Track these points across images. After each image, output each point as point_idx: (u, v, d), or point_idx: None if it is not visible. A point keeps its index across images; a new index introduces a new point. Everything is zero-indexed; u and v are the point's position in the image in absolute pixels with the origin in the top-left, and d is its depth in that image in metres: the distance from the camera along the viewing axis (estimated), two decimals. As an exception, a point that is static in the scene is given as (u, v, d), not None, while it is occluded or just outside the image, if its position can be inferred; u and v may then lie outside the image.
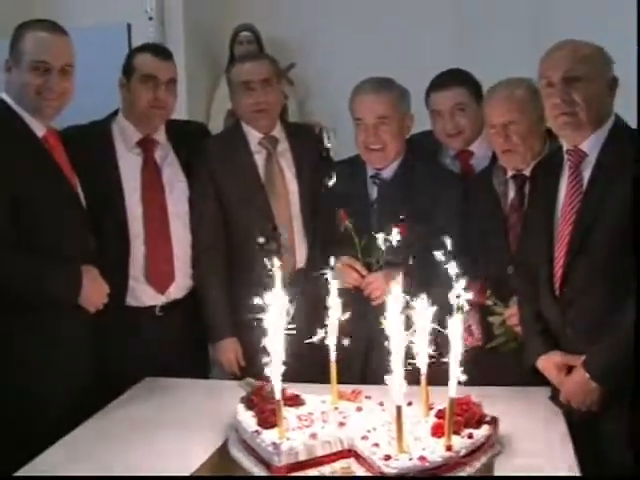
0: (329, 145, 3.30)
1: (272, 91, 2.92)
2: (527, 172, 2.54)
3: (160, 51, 2.82)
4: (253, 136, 2.95)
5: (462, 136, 2.89)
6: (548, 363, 2.24)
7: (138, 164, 2.78)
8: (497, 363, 2.49)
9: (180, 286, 2.82)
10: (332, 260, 2.26)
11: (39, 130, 2.42)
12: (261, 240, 2.64)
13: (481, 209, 2.66)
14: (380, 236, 2.60)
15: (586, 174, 2.19)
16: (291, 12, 4.48)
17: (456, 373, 1.86)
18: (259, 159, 2.95)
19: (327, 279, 2.23)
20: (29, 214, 2.33)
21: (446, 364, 1.87)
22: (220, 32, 4.41)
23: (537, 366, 2.28)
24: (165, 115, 2.81)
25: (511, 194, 2.60)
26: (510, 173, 2.61)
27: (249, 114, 2.93)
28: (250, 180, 2.92)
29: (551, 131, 2.47)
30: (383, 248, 2.62)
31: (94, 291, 2.45)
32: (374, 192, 2.82)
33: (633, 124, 2.30)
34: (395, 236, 2.59)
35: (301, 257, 2.95)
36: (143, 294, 2.77)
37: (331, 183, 2.85)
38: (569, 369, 2.21)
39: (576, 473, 1.88)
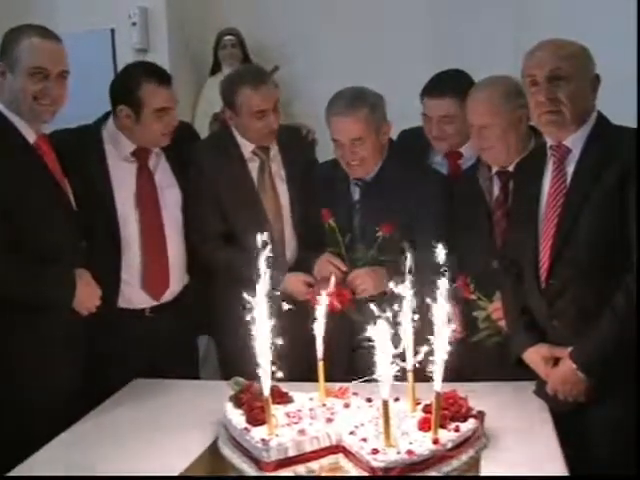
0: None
1: (277, 114, 2.92)
2: (511, 168, 2.57)
3: (165, 78, 2.73)
4: (246, 146, 2.95)
5: (447, 142, 2.92)
6: (535, 355, 2.27)
7: (130, 170, 2.76)
8: (480, 357, 2.52)
9: (173, 291, 2.83)
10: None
11: (30, 136, 2.43)
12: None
13: (466, 205, 2.70)
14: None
15: (570, 169, 2.22)
16: (274, 15, 4.51)
17: (442, 367, 1.89)
18: (252, 167, 2.95)
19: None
20: (21, 220, 2.34)
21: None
22: (204, 36, 4.43)
23: (523, 359, 2.30)
24: (171, 136, 2.79)
25: (496, 190, 2.63)
26: (494, 169, 2.64)
27: (260, 136, 2.92)
28: (245, 189, 2.93)
29: (536, 127, 2.51)
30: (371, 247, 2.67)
31: (87, 295, 2.46)
32: (356, 193, 2.86)
33: (633, 122, 2.35)
34: (381, 234, 2.64)
35: (291, 257, 2.98)
36: (136, 298, 2.77)
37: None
38: (556, 361, 2.23)
39: (561, 465, 1.90)
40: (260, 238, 1.99)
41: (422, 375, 1.95)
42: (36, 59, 2.38)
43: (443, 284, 1.90)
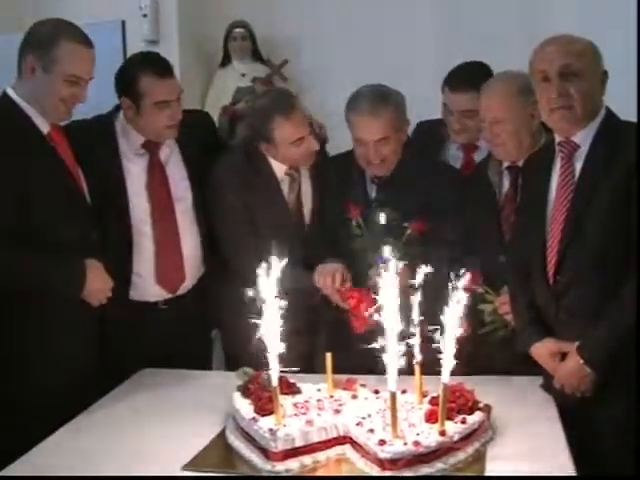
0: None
1: (314, 132, 2.89)
2: (521, 164, 2.57)
3: (164, 69, 2.70)
4: (280, 167, 2.90)
5: (467, 134, 2.96)
6: (542, 350, 2.27)
7: (142, 163, 2.76)
8: (486, 351, 2.53)
9: (188, 283, 2.83)
10: None
11: (44, 127, 2.43)
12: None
13: (476, 199, 2.71)
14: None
15: (578, 165, 2.22)
16: (285, 9, 4.49)
17: (450, 360, 1.90)
18: (284, 187, 2.92)
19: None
20: (33, 210, 2.35)
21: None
22: (214, 29, 4.42)
23: (530, 353, 2.31)
24: (178, 128, 2.75)
25: (506, 185, 2.64)
26: (505, 164, 2.65)
27: (304, 160, 2.88)
28: (279, 209, 2.91)
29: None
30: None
31: (98, 285, 2.46)
32: (373, 190, 2.86)
33: (633, 117, 2.35)
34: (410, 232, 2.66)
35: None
36: (151, 292, 2.77)
37: None
38: (563, 356, 2.23)
39: (567, 459, 1.91)
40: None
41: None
42: (76, 67, 2.39)
43: (456, 279, 1.91)
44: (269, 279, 2.00)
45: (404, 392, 2.10)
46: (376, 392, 2.18)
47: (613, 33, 3.77)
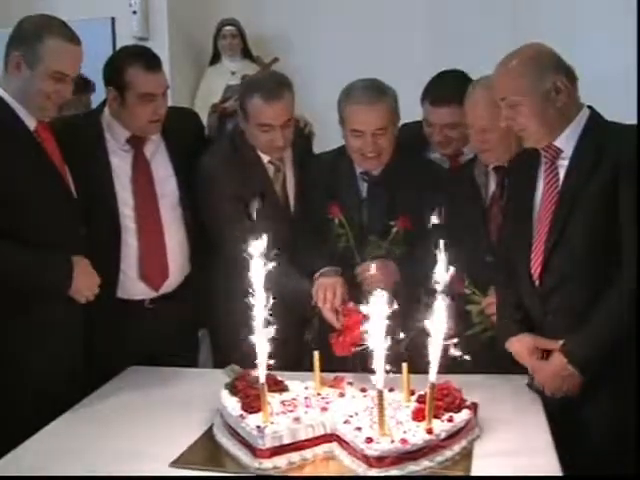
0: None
1: (290, 129, 2.80)
2: (507, 164, 2.57)
3: (152, 63, 2.67)
4: (266, 156, 2.87)
5: (450, 146, 2.92)
6: (520, 346, 2.28)
7: (127, 159, 2.75)
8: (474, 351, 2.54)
9: (173, 281, 2.81)
10: None
11: (31, 123, 2.42)
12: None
13: (462, 199, 2.70)
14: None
15: (562, 168, 2.23)
16: (275, 7, 4.51)
17: (437, 359, 1.91)
18: (270, 173, 2.90)
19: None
20: (20, 207, 2.34)
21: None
22: (204, 26, 4.43)
23: (508, 349, 2.32)
24: (161, 124, 2.74)
25: (492, 185, 2.63)
26: (492, 165, 2.64)
27: (265, 149, 2.83)
28: (267, 197, 2.88)
29: None
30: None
31: (85, 282, 2.45)
32: (364, 189, 2.84)
33: (633, 118, 2.36)
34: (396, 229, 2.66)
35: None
36: (135, 289, 2.76)
37: None
38: (543, 354, 2.25)
39: (553, 456, 1.92)
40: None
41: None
42: (61, 64, 2.37)
43: (442, 279, 1.91)
44: (259, 276, 1.99)
45: (391, 390, 2.11)
46: (363, 390, 2.18)
47: (609, 33, 3.80)
